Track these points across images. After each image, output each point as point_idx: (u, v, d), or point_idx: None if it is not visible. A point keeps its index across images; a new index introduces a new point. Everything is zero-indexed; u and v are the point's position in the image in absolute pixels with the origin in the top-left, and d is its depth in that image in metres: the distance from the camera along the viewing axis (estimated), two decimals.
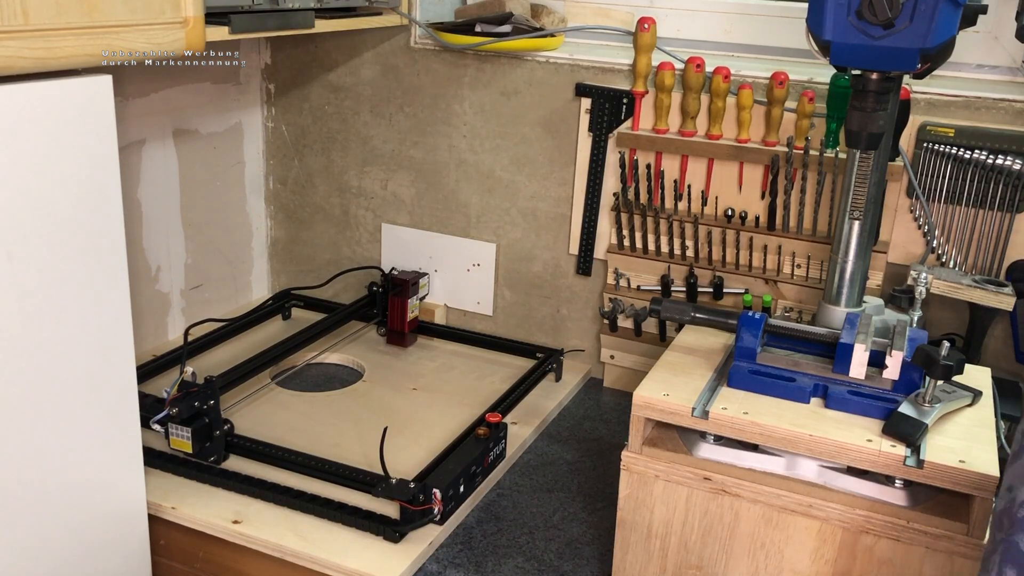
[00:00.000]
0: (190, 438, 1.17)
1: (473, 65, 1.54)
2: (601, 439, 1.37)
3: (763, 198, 1.38)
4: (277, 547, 1.07)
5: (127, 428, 1.02)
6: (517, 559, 1.09)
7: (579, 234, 1.54)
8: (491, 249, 1.63)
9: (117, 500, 1.03)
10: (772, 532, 0.95)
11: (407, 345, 1.62)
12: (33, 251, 0.85)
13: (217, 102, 1.61)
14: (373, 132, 1.66)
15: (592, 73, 1.47)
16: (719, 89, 1.34)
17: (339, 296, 1.74)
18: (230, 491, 1.16)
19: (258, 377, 1.41)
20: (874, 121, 1.02)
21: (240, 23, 1.12)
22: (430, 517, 1.08)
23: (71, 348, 0.92)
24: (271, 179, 1.77)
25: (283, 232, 1.80)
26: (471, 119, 1.58)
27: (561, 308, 1.61)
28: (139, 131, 1.45)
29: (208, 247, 1.65)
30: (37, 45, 0.80)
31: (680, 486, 0.98)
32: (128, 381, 1.00)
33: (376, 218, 1.71)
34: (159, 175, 1.51)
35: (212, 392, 1.19)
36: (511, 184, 1.58)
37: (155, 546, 1.12)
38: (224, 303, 1.72)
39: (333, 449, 1.25)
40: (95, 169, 0.90)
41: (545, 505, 1.20)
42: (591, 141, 1.48)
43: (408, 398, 1.44)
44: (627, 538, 1.03)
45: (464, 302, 1.69)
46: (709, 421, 0.95)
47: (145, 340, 1.52)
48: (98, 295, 0.93)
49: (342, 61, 1.64)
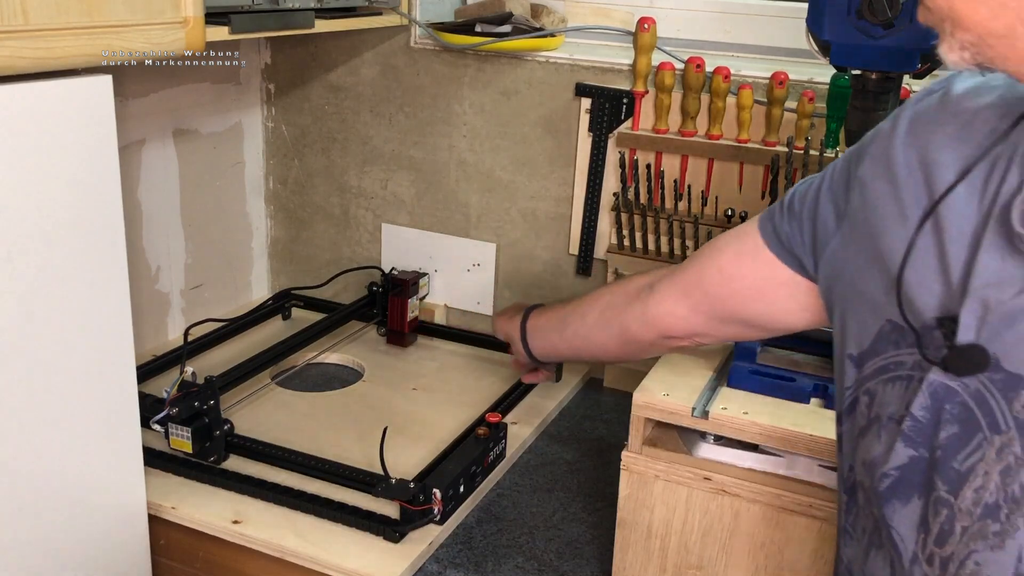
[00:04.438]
0: (190, 438, 1.17)
1: (473, 65, 1.54)
2: (601, 439, 1.37)
3: (763, 198, 1.38)
4: (277, 547, 1.07)
5: (127, 428, 1.02)
6: (517, 559, 1.09)
7: (579, 234, 1.54)
8: (491, 249, 1.63)
9: (117, 500, 1.03)
10: (772, 532, 0.95)
11: (407, 345, 1.62)
12: (33, 251, 0.85)
13: (217, 102, 1.61)
14: (373, 132, 1.66)
15: (592, 73, 1.47)
16: (719, 89, 1.34)
17: (339, 296, 1.74)
18: (230, 491, 1.16)
19: (258, 377, 1.41)
20: (874, 121, 1.01)
21: (240, 23, 1.12)
22: (430, 517, 1.08)
23: (71, 348, 0.92)
24: (271, 179, 1.77)
25: (283, 232, 1.80)
26: (471, 119, 1.58)
27: None
28: (139, 131, 1.45)
29: (208, 247, 1.65)
30: (37, 45, 0.80)
31: (680, 486, 0.98)
32: (128, 381, 1.00)
33: (376, 218, 1.71)
34: (159, 175, 1.51)
35: (212, 392, 1.19)
36: (511, 184, 1.58)
37: (155, 546, 1.12)
38: (224, 303, 1.72)
39: (333, 449, 1.25)
40: (95, 169, 0.90)
41: (545, 505, 1.20)
42: (591, 141, 1.48)
43: (408, 398, 1.44)
44: (627, 538, 1.03)
45: (464, 302, 1.69)
46: (709, 421, 0.95)
47: (145, 340, 1.52)
48: (98, 295, 0.93)
49: (342, 61, 1.64)
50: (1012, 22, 0.53)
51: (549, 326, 1.16)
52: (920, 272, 0.63)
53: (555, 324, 1.15)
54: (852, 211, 0.73)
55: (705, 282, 0.89)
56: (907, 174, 0.67)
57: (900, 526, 0.62)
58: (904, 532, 0.62)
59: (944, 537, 0.58)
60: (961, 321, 0.58)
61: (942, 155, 0.64)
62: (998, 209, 0.58)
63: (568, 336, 1.11)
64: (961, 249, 0.60)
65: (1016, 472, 0.54)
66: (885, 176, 0.69)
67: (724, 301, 0.88)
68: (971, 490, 0.57)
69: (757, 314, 0.87)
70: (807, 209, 0.78)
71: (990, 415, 0.56)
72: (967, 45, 0.55)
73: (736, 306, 0.87)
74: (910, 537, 0.61)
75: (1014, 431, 0.55)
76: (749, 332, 0.91)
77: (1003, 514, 0.55)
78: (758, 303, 0.85)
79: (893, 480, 0.63)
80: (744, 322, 0.89)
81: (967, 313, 0.58)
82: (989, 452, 0.56)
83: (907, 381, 0.63)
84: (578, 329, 1.09)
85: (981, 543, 0.56)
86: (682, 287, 0.92)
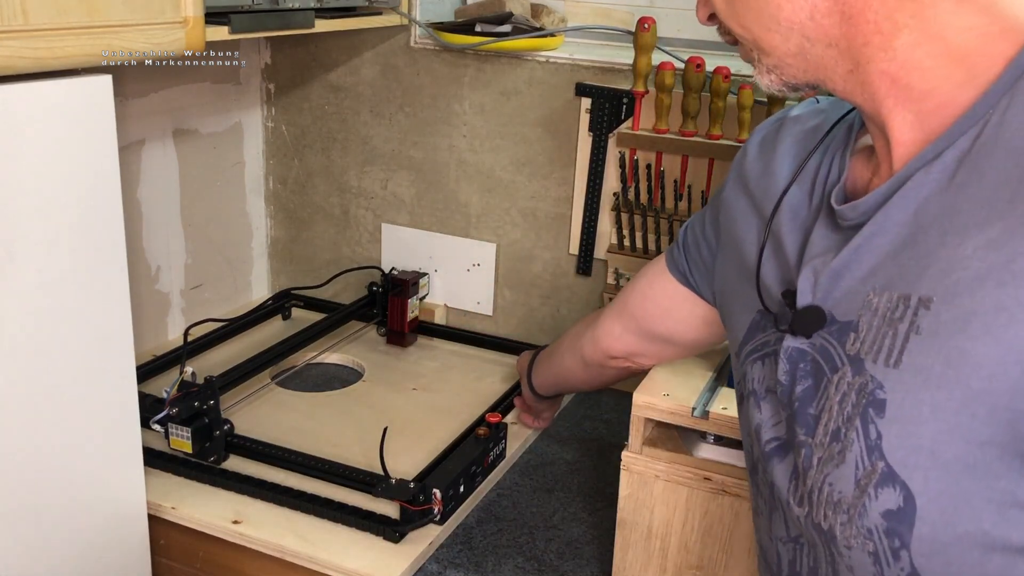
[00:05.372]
0: (190, 438, 1.17)
1: (473, 65, 1.54)
2: (601, 439, 1.37)
3: None
4: (277, 547, 1.07)
5: (127, 428, 1.02)
6: (517, 559, 1.09)
7: (579, 234, 1.54)
8: (491, 249, 1.63)
9: (117, 500, 1.03)
10: None
11: (407, 345, 1.62)
12: (33, 251, 0.85)
13: (217, 102, 1.61)
14: (373, 132, 1.66)
15: (592, 73, 1.47)
16: (719, 89, 1.34)
17: (339, 296, 1.74)
18: (230, 491, 1.16)
19: (258, 377, 1.41)
20: None
21: (240, 23, 1.12)
22: (430, 517, 1.08)
23: (71, 348, 0.92)
24: (271, 179, 1.77)
25: (283, 232, 1.80)
26: (471, 119, 1.58)
27: (561, 308, 1.61)
28: (139, 131, 1.45)
29: (208, 247, 1.65)
30: (37, 45, 0.80)
31: (680, 486, 0.98)
32: (128, 381, 1.00)
33: (376, 218, 1.71)
34: (159, 175, 1.51)
35: (212, 392, 1.19)
36: (511, 184, 1.58)
37: (155, 546, 1.12)
38: (224, 303, 1.72)
39: (333, 449, 1.25)
40: (95, 169, 0.90)
41: (545, 505, 1.20)
42: (591, 141, 1.48)
43: (408, 398, 1.44)
44: (627, 538, 1.03)
45: (464, 302, 1.69)
46: (709, 421, 0.95)
47: (145, 340, 1.52)
48: (98, 295, 0.93)
49: (342, 61, 1.64)
50: (799, 41, 0.65)
51: (544, 358, 1.26)
52: (770, 262, 0.75)
53: (546, 356, 1.26)
54: (722, 230, 0.88)
55: (630, 303, 1.04)
56: (756, 186, 0.82)
57: (778, 479, 0.70)
58: (781, 483, 0.70)
59: (805, 473, 0.66)
60: (799, 288, 0.68)
61: (780, 166, 0.78)
62: (824, 197, 0.71)
63: (554, 366, 1.22)
64: (797, 235, 0.73)
65: (848, 396, 0.63)
66: (743, 192, 0.84)
67: (644, 319, 1.02)
68: (822, 426, 0.65)
69: (669, 330, 1.01)
70: (691, 241, 0.95)
71: (830, 361, 0.65)
72: (772, 68, 0.68)
73: (653, 324, 1.01)
74: (784, 486, 0.69)
75: (847, 365, 0.63)
76: (670, 349, 1.03)
77: (842, 433, 0.62)
78: (668, 320, 1.00)
79: (777, 443, 0.71)
80: (662, 339, 1.02)
81: (803, 280, 0.68)
82: (831, 390, 0.64)
83: (773, 356, 0.73)
84: (557, 358, 1.21)
85: (830, 465, 0.63)
86: (618, 309, 1.06)
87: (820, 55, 0.65)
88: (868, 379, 0.61)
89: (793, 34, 0.65)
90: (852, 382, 0.62)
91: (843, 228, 0.67)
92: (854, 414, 0.62)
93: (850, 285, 0.65)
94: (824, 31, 0.63)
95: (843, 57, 0.64)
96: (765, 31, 0.66)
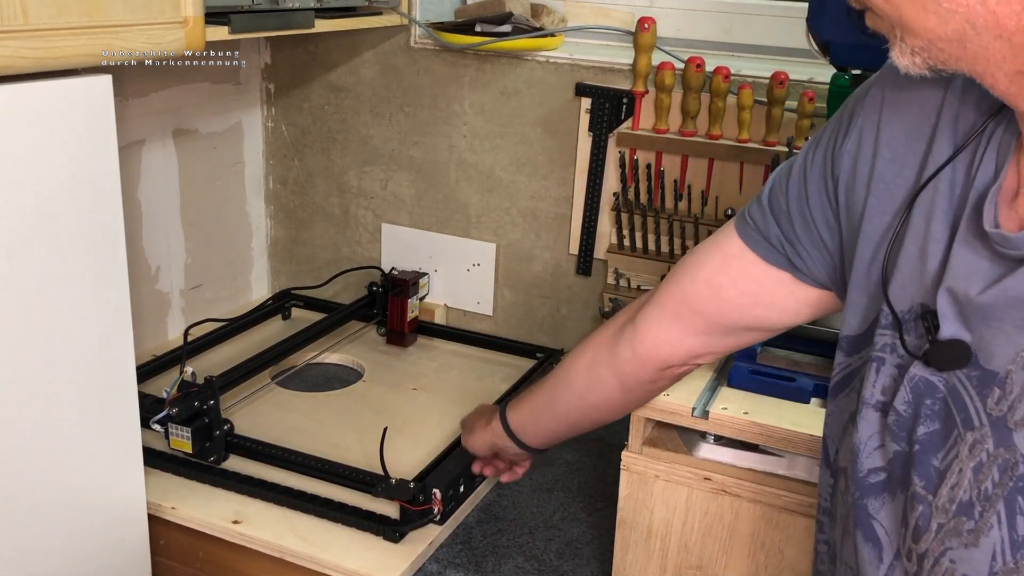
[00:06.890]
0: (190, 438, 1.17)
1: (473, 65, 1.54)
2: (601, 439, 1.37)
3: None
4: (277, 547, 1.07)
5: (127, 428, 1.02)
6: (517, 559, 1.09)
7: (579, 234, 1.54)
8: (491, 249, 1.63)
9: (117, 500, 1.03)
10: (772, 532, 0.95)
11: (407, 345, 1.62)
12: (33, 251, 0.85)
13: (217, 102, 1.61)
14: (373, 132, 1.66)
15: (592, 73, 1.47)
16: (719, 89, 1.34)
17: (339, 296, 1.74)
18: (230, 491, 1.16)
19: (258, 377, 1.41)
20: None
21: (240, 23, 1.12)
22: (430, 517, 1.08)
23: (71, 348, 0.92)
24: (271, 179, 1.77)
25: (283, 232, 1.80)
26: (471, 119, 1.58)
27: (561, 308, 1.61)
28: (139, 131, 1.45)
29: (208, 247, 1.65)
30: (37, 45, 0.80)
31: (680, 486, 0.98)
32: (128, 381, 1.00)
33: (376, 218, 1.71)
34: (159, 175, 1.51)
35: (212, 392, 1.19)
36: (511, 184, 1.58)
37: (155, 546, 1.12)
38: (224, 303, 1.71)
39: (333, 449, 1.25)
40: (95, 169, 0.90)
41: (545, 505, 1.20)
42: (591, 141, 1.48)
43: (408, 398, 1.44)
44: (627, 538, 1.03)
45: (464, 302, 1.69)
46: (709, 421, 0.95)
47: (145, 340, 1.52)
48: (98, 295, 0.93)
49: (342, 61, 1.64)
50: (961, 26, 0.54)
51: (537, 414, 1.03)
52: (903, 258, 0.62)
53: (543, 409, 1.03)
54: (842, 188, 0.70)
55: (692, 300, 0.83)
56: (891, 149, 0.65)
57: (885, 520, 0.62)
58: (888, 526, 0.62)
59: (919, 533, 0.58)
60: (939, 310, 0.58)
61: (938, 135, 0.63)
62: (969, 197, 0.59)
63: (563, 414, 1.00)
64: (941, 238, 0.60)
65: (988, 469, 0.54)
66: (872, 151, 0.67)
67: (719, 315, 0.82)
68: (947, 487, 0.56)
69: (757, 319, 0.81)
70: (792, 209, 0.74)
71: (964, 411, 0.56)
72: (918, 50, 0.56)
73: (732, 317, 0.82)
74: (894, 531, 0.61)
75: (987, 428, 0.55)
76: (753, 336, 0.85)
77: (976, 512, 0.55)
78: (756, 308, 0.80)
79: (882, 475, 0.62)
80: (746, 328, 0.83)
81: (942, 302, 0.58)
82: (963, 449, 0.56)
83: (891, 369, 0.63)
84: (571, 401, 0.98)
85: (955, 540, 0.56)
86: (669, 312, 0.85)
87: (985, 46, 0.54)
88: (1019, 459, 0.52)
89: (955, 17, 0.53)
90: (994, 454, 0.54)
91: (997, 253, 0.56)
92: (996, 496, 0.54)
93: (1002, 328, 0.55)
94: (998, 20, 0.52)
95: (1016, 55, 0.53)
96: (918, 9, 0.54)
